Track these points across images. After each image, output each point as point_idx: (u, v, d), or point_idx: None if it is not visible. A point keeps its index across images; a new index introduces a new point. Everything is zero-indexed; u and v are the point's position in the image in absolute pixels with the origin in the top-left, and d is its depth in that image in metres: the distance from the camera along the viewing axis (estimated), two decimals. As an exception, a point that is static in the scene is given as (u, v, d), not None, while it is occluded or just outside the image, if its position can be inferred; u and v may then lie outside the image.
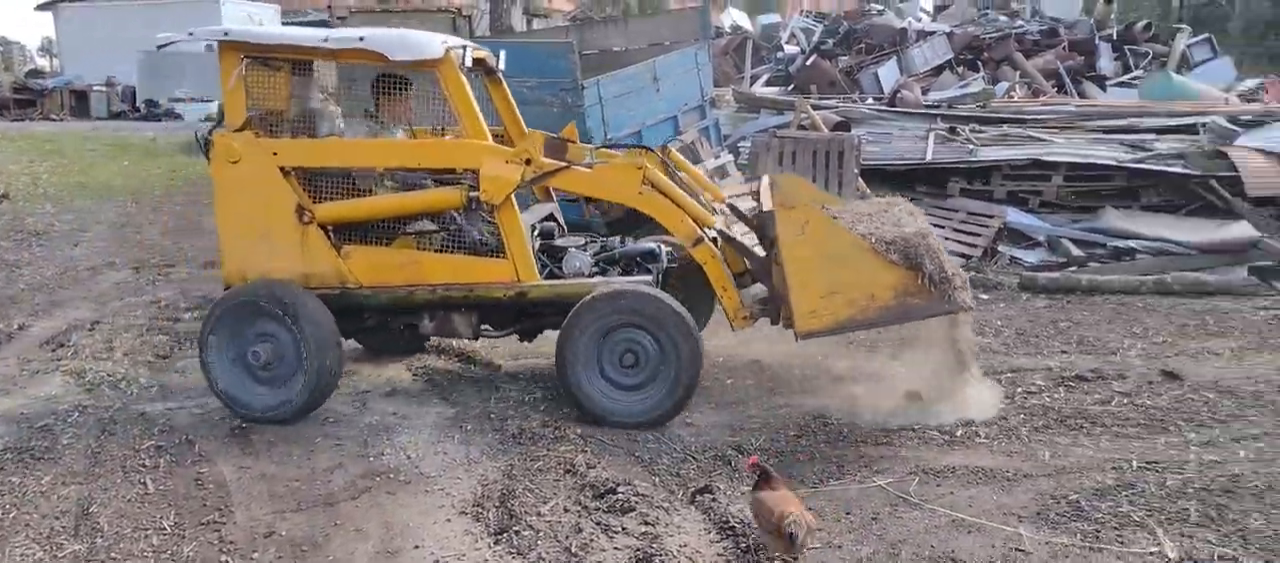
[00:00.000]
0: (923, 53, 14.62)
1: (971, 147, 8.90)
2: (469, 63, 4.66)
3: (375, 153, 4.75)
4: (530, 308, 4.83)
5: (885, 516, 3.62)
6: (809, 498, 3.76)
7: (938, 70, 14.35)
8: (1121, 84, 14.06)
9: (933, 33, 15.22)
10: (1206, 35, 16.82)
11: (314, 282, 4.65)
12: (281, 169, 4.61)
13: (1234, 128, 8.92)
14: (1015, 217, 8.51)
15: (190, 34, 4.68)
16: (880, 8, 17.68)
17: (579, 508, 3.67)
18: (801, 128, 10.16)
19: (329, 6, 23.27)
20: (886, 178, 9.14)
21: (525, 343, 5.24)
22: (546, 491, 3.81)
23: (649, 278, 4.80)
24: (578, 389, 4.48)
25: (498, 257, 4.66)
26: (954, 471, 3.96)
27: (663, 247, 5.12)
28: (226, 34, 4.59)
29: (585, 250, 4.99)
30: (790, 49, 16.02)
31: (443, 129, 5.15)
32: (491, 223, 4.71)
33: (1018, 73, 14.08)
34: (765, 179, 5.03)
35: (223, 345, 4.58)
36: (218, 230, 4.80)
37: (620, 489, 3.68)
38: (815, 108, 10.74)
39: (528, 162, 4.61)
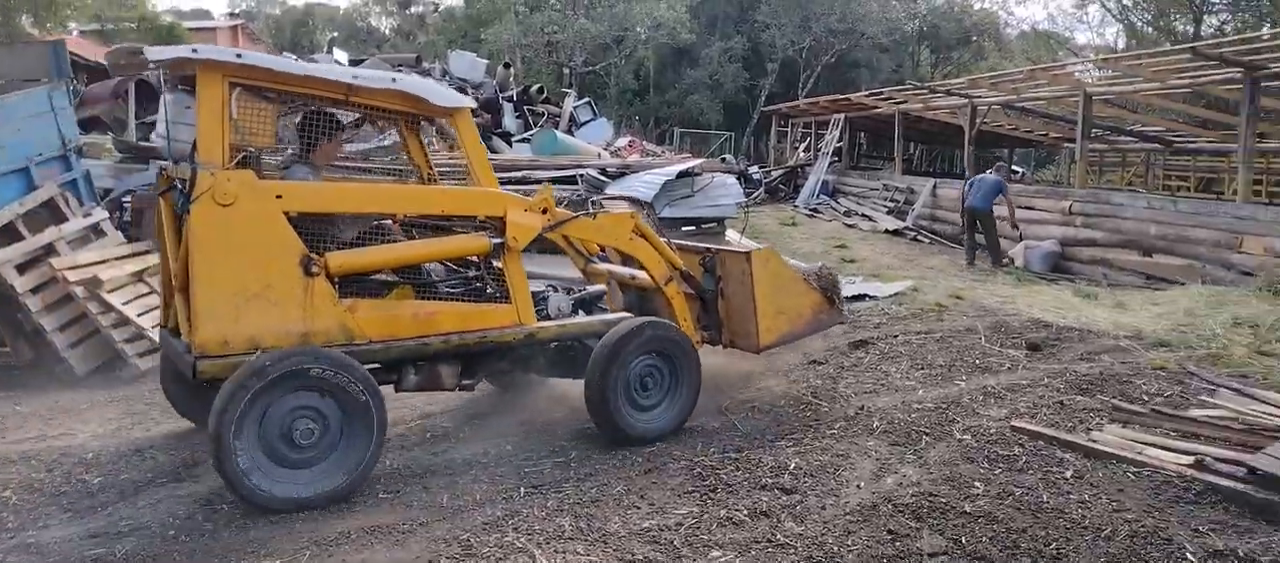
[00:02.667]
0: (345, 105, 14.55)
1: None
2: None
3: (396, 199, 4.68)
4: (524, 353, 4.98)
5: (269, 603, 3.29)
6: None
7: (359, 123, 14.38)
8: (524, 140, 15.66)
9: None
10: (587, 99, 19.69)
11: (317, 341, 4.20)
12: (285, 215, 4.09)
13: (603, 178, 10.46)
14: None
15: (194, 50, 4.03)
16: (293, 58, 17.19)
17: None
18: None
19: None
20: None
21: (462, 393, 5.19)
22: None
23: (622, 313, 5.45)
24: (616, 414, 4.82)
25: (499, 302, 4.74)
26: (349, 536, 3.78)
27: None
28: (239, 56, 4.07)
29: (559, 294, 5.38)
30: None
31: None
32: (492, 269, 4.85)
33: (434, 128, 14.81)
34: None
35: (252, 428, 3.90)
36: (193, 287, 3.95)
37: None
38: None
39: (545, 210, 4.85)
